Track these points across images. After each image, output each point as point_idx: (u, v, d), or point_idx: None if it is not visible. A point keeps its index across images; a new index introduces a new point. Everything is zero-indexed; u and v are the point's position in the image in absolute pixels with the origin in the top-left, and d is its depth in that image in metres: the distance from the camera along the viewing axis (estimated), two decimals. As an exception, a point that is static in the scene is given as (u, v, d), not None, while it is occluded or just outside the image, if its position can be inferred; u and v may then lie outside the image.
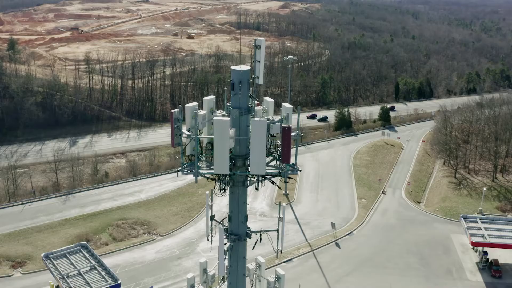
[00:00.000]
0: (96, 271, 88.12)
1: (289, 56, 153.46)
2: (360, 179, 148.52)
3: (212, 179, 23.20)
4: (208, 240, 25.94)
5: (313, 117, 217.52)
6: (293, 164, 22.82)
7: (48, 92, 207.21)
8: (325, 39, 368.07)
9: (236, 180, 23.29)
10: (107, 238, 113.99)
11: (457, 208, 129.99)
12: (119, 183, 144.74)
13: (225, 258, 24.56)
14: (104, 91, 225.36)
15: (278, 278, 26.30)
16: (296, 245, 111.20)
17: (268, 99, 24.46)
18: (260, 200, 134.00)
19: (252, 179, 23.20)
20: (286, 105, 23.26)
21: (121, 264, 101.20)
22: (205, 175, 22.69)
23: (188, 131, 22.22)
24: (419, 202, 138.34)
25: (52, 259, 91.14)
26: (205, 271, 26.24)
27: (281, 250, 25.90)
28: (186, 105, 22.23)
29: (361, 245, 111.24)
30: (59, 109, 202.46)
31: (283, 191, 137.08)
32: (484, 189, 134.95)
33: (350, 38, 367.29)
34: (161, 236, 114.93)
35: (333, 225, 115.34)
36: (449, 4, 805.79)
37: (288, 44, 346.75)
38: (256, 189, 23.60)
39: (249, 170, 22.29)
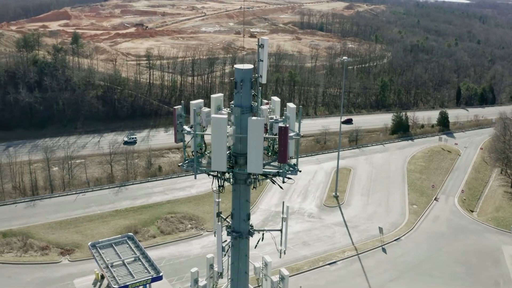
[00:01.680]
0: (140, 262, 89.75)
1: (344, 57, 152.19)
2: (413, 184, 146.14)
3: (214, 176, 23.32)
4: (215, 236, 26.02)
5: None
6: (294, 164, 22.75)
7: (109, 86, 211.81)
8: (388, 41, 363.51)
9: (238, 177, 23.37)
10: (155, 230, 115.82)
11: (510, 218, 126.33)
12: (171, 178, 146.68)
13: (225, 255, 24.64)
14: (163, 86, 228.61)
15: (282, 278, 26.20)
16: (342, 248, 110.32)
17: (275, 98, 24.45)
18: (309, 201, 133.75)
19: (255, 177, 23.22)
20: (290, 105, 23.20)
21: (166, 257, 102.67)
22: (207, 171, 22.80)
23: (191, 127, 22.47)
24: (472, 211, 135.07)
25: (98, 248, 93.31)
26: (211, 266, 26.42)
27: (284, 251, 25.67)
28: (191, 102, 22.48)
29: (408, 251, 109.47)
30: (119, 103, 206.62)
31: (333, 193, 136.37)
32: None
33: (413, 41, 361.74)
34: (208, 231, 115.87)
35: (380, 229, 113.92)
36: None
37: (350, 46, 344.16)
38: (254, 187, 23.62)
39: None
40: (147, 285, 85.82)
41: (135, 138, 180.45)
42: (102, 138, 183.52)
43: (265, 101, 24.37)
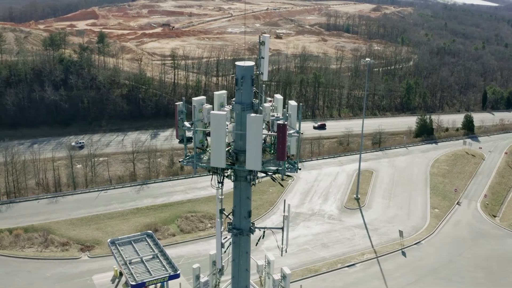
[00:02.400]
0: (158, 260, 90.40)
1: (367, 59, 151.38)
2: (436, 188, 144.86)
3: (215, 172, 23.39)
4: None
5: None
6: (294, 162, 22.70)
7: (134, 85, 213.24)
8: (414, 44, 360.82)
9: (239, 174, 23.39)
10: (175, 229, 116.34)
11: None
12: (193, 177, 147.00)
13: (225, 252, 24.70)
14: (188, 86, 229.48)
15: (284, 276, 26.13)
16: (361, 250, 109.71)
17: (278, 96, 24.43)
18: (330, 203, 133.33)
19: (254, 174, 23.21)
20: (292, 102, 23.15)
21: (185, 256, 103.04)
22: (206, 167, 22.88)
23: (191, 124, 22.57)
24: (494, 216, 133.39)
25: (117, 245, 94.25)
26: (214, 263, 26.49)
27: (286, 249, 25.59)
28: (194, 98, 22.57)
29: (428, 255, 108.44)
30: (143, 102, 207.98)
31: (354, 195, 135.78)
32: None
33: (440, 44, 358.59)
34: (227, 231, 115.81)
35: (400, 233, 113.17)
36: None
37: (376, 48, 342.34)
38: (254, 184, 23.60)
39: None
40: (165, 282, 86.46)
41: (83, 142, 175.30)
42: (126, 136, 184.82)
43: (269, 98, 24.36)
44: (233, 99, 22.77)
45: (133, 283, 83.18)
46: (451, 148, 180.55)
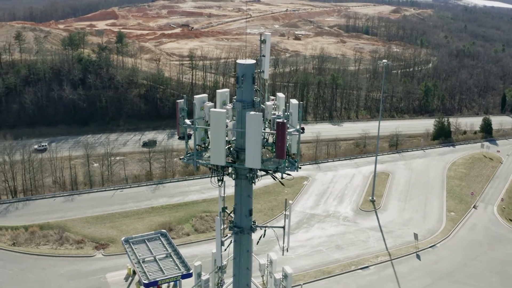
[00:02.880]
0: (171, 259, 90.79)
1: (384, 60, 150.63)
2: (452, 191, 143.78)
3: (215, 170, 23.43)
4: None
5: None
6: (295, 161, 22.65)
7: (152, 85, 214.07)
8: (433, 46, 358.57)
9: (240, 173, 23.40)
10: (189, 228, 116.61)
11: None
12: (208, 177, 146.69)
13: (225, 250, 24.72)
14: (205, 86, 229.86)
15: (285, 276, 26.07)
16: (376, 252, 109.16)
17: (280, 95, 24.39)
18: (345, 205, 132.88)
19: (253, 173, 23.20)
20: (293, 101, 23.10)
21: (198, 255, 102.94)
22: (206, 165, 22.93)
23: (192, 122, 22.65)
24: (511, 220, 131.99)
25: (131, 243, 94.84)
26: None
27: (287, 248, 25.54)
28: (195, 96, 22.64)
29: (442, 259, 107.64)
30: (161, 102, 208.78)
31: (370, 198, 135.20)
32: None
33: (459, 46, 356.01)
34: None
35: (415, 236, 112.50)
36: None
37: (395, 49, 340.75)
38: (253, 182, 23.59)
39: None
40: (177, 281, 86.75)
41: (46, 146, 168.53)
42: (143, 136, 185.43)
43: (272, 97, 24.34)
44: (235, 97, 22.81)
45: (146, 281, 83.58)
46: (468, 151, 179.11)
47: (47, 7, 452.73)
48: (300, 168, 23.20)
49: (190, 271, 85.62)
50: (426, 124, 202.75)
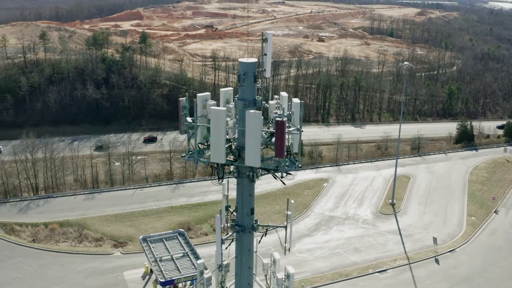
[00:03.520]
0: (188, 258, 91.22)
1: (406, 63, 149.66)
2: (473, 195, 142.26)
3: (216, 168, 23.53)
4: (224, 230, 26.28)
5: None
6: (296, 160, 22.61)
7: (174, 85, 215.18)
8: (458, 49, 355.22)
9: (241, 171, 23.44)
10: (207, 228, 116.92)
11: None
12: (228, 178, 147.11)
13: (227, 248, 24.80)
14: (228, 87, 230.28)
15: (287, 276, 26.03)
16: (394, 256, 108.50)
17: (283, 93, 24.38)
18: (365, 207, 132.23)
19: (253, 171, 23.21)
20: (295, 100, 23.08)
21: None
22: (206, 163, 23.02)
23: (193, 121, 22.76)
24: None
25: (149, 242, 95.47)
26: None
27: (289, 248, 25.52)
28: (198, 94, 22.76)
29: (461, 263, 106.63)
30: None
31: (390, 201, 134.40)
32: None
33: (484, 49, 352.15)
34: (260, 232, 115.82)
35: (435, 240, 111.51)
36: None
37: (419, 52, 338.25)
38: (253, 181, 23.60)
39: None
40: (193, 281, 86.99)
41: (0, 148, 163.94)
42: (164, 136, 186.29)
43: (276, 96, 24.37)
44: (237, 95, 22.88)
45: (162, 280, 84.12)
46: (491, 156, 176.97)
47: (72, 7, 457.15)
48: (300, 167, 23.17)
49: (207, 271, 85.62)
50: (449, 128, 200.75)
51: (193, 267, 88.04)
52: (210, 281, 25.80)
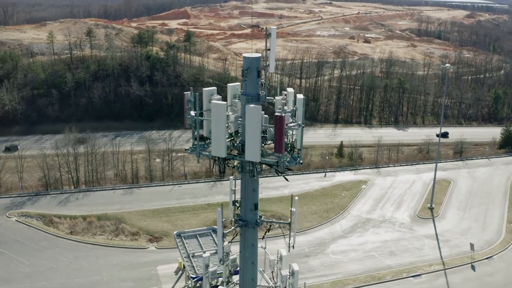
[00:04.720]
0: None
1: (447, 65, 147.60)
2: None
3: (215, 161, 23.84)
4: (232, 226, 26.60)
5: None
6: (297, 156, 22.72)
7: (218, 83, 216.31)
8: (506, 52, 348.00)
9: (244, 166, 23.67)
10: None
11: None
12: (267, 177, 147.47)
13: (229, 242, 25.10)
14: (270, 87, 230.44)
15: (292, 273, 26.15)
16: (429, 261, 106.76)
17: (289, 89, 24.52)
18: (402, 211, 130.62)
19: (253, 166, 23.40)
20: (299, 96, 23.18)
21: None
22: (208, 156, 23.37)
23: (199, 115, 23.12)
24: None
25: (183, 237, 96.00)
26: (227, 254, 26.92)
27: (293, 245, 25.64)
28: (204, 89, 23.10)
29: (498, 271, 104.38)
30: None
31: (428, 205, 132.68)
32: None
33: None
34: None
35: (472, 246, 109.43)
36: None
37: (466, 55, 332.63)
38: (253, 176, 23.78)
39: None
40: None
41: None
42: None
43: (284, 92, 24.55)
44: (241, 90, 23.13)
45: (194, 275, 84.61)
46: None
47: (121, 5, 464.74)
48: (301, 163, 23.28)
49: (237, 268, 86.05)
50: (494, 132, 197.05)
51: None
52: (215, 274, 26.13)
